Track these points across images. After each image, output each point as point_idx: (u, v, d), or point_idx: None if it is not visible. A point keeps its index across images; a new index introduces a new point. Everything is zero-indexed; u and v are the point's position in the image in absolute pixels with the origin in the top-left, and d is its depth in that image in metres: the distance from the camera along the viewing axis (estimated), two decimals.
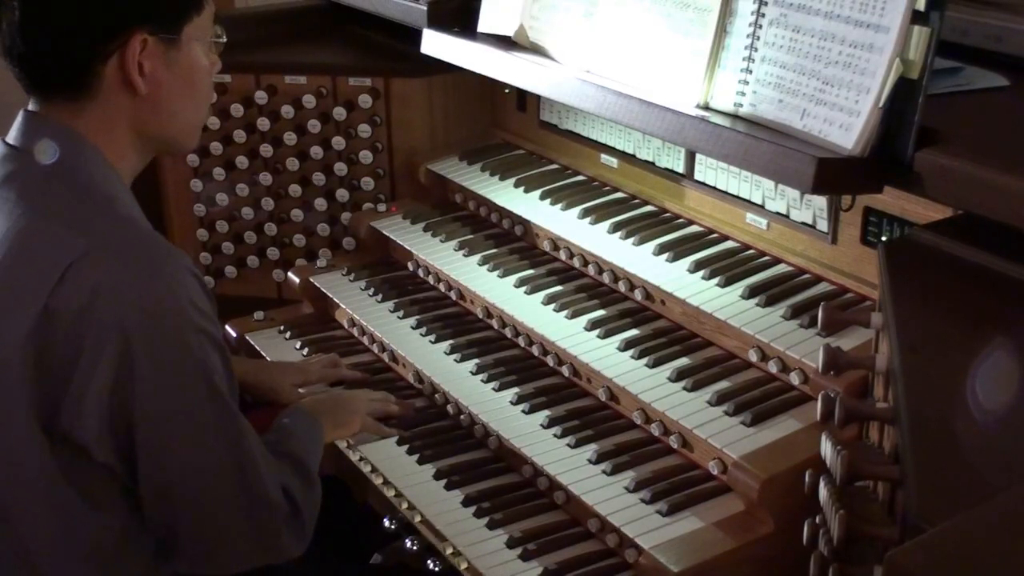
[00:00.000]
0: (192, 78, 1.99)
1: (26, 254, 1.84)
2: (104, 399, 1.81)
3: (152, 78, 1.92)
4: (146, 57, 1.91)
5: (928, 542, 1.18)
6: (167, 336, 1.83)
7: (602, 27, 2.45)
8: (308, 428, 2.22)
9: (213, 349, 1.89)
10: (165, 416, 1.85)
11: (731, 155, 2.09)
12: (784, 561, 1.88)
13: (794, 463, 1.92)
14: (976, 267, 1.83)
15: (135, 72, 1.90)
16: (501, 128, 3.15)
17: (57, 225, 1.85)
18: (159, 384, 1.83)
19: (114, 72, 1.91)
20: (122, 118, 1.95)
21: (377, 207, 3.09)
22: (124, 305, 1.80)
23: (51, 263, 1.80)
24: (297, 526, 2.03)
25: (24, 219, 1.86)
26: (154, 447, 1.86)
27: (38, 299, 1.79)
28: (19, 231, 1.85)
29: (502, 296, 2.57)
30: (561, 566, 2.03)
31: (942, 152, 1.87)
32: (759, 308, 2.23)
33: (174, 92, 1.97)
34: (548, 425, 2.27)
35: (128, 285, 1.81)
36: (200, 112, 2.07)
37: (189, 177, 3.22)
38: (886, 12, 1.92)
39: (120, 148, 1.96)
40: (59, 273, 1.79)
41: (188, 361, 1.86)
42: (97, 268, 1.80)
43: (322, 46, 3.33)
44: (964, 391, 1.50)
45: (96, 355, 1.79)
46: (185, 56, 1.96)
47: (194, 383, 1.87)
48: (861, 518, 1.48)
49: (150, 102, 1.94)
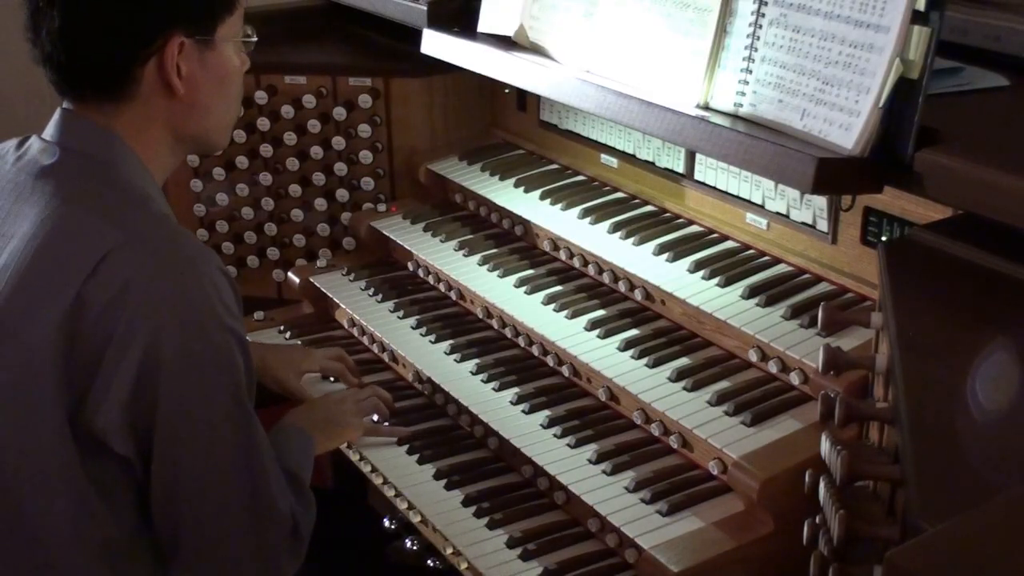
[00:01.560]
0: (225, 78, 2.02)
1: (61, 243, 1.86)
2: (130, 391, 1.82)
3: (189, 79, 1.95)
4: (183, 59, 1.94)
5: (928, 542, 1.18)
6: (196, 332, 1.85)
7: (602, 27, 2.45)
8: (301, 444, 2.21)
9: (238, 348, 1.91)
10: (186, 410, 1.86)
11: (731, 155, 2.09)
12: (784, 561, 1.88)
13: (794, 463, 1.92)
14: (976, 267, 1.83)
15: (174, 74, 1.93)
16: (501, 128, 3.15)
17: (93, 216, 1.87)
18: (184, 379, 1.84)
19: (152, 75, 1.94)
20: (159, 119, 1.98)
21: (377, 207, 3.09)
22: (155, 299, 1.81)
23: (86, 253, 1.82)
24: (297, 544, 2.03)
25: (61, 209, 1.88)
26: (171, 440, 1.86)
27: (71, 287, 1.81)
28: (55, 220, 1.87)
29: (502, 296, 2.57)
30: (561, 566, 2.03)
31: (942, 152, 1.87)
32: (759, 308, 2.23)
33: (209, 92, 1.99)
34: (548, 425, 2.27)
35: (160, 280, 1.83)
36: (232, 110, 2.10)
37: (189, 177, 3.21)
38: (886, 12, 1.92)
39: (155, 148, 1.99)
40: (93, 263, 1.81)
41: (215, 358, 1.87)
42: (130, 261, 1.82)
43: (322, 46, 3.33)
44: (964, 391, 1.50)
45: (124, 347, 1.80)
46: (219, 56, 1.99)
47: (218, 380, 1.88)
48: (861, 518, 1.48)
49: (187, 103, 1.97)
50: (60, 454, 1.85)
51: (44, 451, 1.85)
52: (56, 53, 1.92)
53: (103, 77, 1.94)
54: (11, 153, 2.02)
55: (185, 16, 1.93)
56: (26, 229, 1.88)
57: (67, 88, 1.97)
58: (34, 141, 2.00)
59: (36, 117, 2.05)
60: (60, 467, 1.86)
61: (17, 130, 2.11)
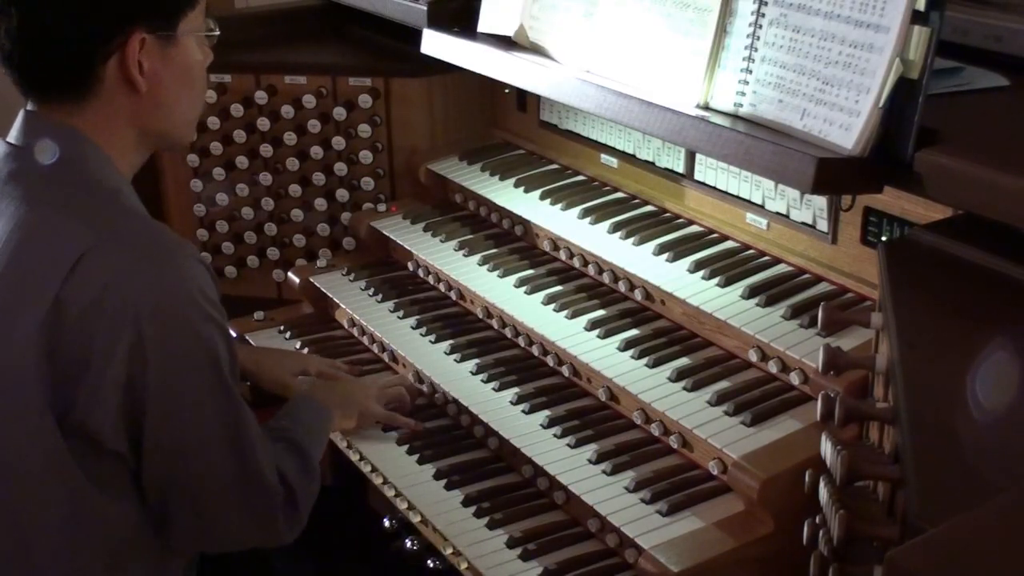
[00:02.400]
0: (188, 72, 2.02)
1: (35, 247, 1.86)
2: (120, 390, 1.83)
3: (151, 75, 1.95)
4: (145, 55, 1.93)
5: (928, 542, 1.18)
6: (178, 324, 1.86)
7: (602, 27, 2.45)
8: (316, 417, 2.24)
9: (220, 336, 1.93)
10: (173, 400, 1.88)
11: (731, 155, 2.09)
12: (784, 561, 1.88)
13: (794, 463, 1.92)
14: (976, 267, 1.83)
15: (135, 71, 1.93)
16: (501, 128, 3.15)
17: (65, 218, 1.87)
18: (169, 371, 1.86)
19: (114, 72, 1.93)
20: (122, 115, 1.97)
21: (377, 207, 3.09)
22: (135, 296, 1.82)
23: (61, 255, 1.82)
24: (292, 512, 2.05)
25: (31, 214, 1.88)
26: (160, 429, 1.89)
27: (49, 291, 1.81)
28: (27, 225, 1.87)
29: (502, 296, 2.57)
30: (561, 566, 2.03)
31: (942, 152, 1.87)
32: (759, 308, 2.23)
33: (172, 87, 1.99)
34: (548, 425, 2.27)
35: (138, 276, 1.83)
36: (196, 105, 2.09)
37: (189, 177, 3.22)
38: (886, 12, 1.92)
39: (120, 145, 1.99)
40: (69, 265, 1.81)
41: (197, 348, 1.89)
42: (107, 260, 1.82)
43: (322, 46, 3.33)
44: (964, 391, 1.49)
45: (110, 346, 1.81)
46: (181, 51, 1.99)
47: (201, 369, 1.90)
48: (861, 518, 1.48)
49: (150, 98, 1.96)
50: (51, 454, 1.85)
51: (34, 453, 1.86)
52: (15, 52, 1.91)
53: (64, 75, 1.93)
54: None
55: (146, 12, 1.92)
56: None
57: (29, 88, 1.97)
58: None
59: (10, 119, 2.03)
60: (52, 467, 1.86)
61: None
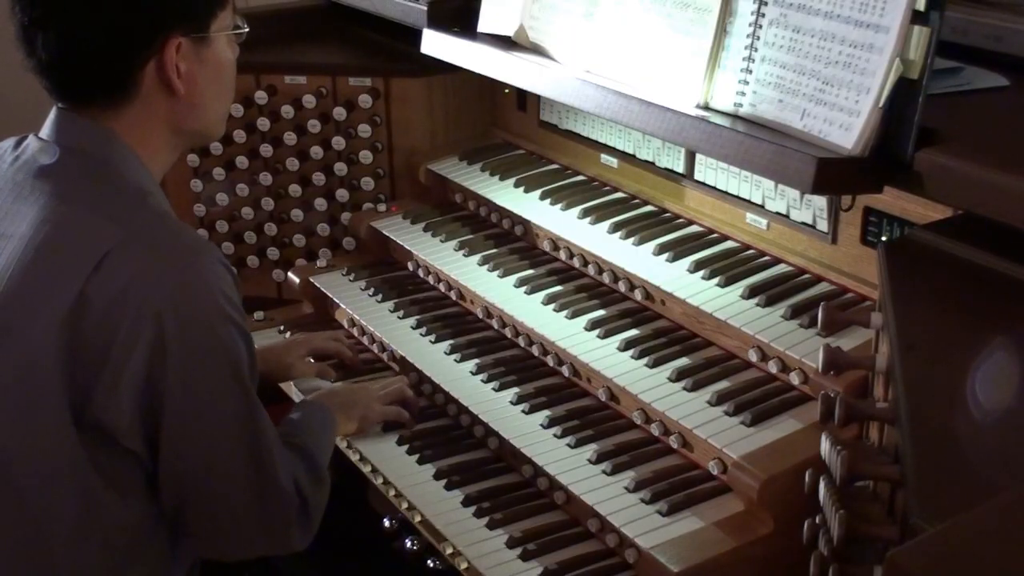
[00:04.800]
0: (221, 71, 2.04)
1: (62, 242, 1.87)
2: (138, 387, 1.83)
3: (188, 77, 1.96)
4: (181, 59, 1.95)
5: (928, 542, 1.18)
6: (199, 326, 1.87)
7: (602, 27, 2.45)
8: (321, 422, 2.24)
9: (241, 339, 1.93)
10: (192, 402, 1.88)
11: (731, 155, 2.09)
12: (784, 561, 1.88)
13: (794, 463, 1.92)
14: (976, 267, 1.83)
15: (173, 75, 1.94)
16: (501, 128, 3.15)
17: (93, 214, 1.88)
18: (189, 370, 1.86)
19: (151, 77, 1.95)
20: (158, 117, 1.99)
21: (377, 207, 3.09)
22: (158, 294, 1.82)
23: (88, 251, 1.83)
24: (305, 520, 2.05)
25: (60, 209, 1.89)
26: (178, 431, 1.88)
27: (74, 286, 1.81)
28: (56, 221, 1.88)
29: (502, 296, 2.57)
30: (561, 566, 2.03)
31: (942, 152, 1.87)
32: (759, 308, 2.23)
33: (207, 87, 2.01)
34: (548, 425, 2.27)
35: (162, 276, 1.84)
36: (228, 102, 2.13)
37: (189, 177, 3.22)
38: (886, 12, 1.92)
39: (154, 146, 2.01)
40: (95, 261, 1.82)
41: (218, 350, 1.89)
42: (132, 258, 1.83)
43: (322, 46, 3.33)
44: (964, 391, 1.49)
45: (131, 344, 1.81)
46: (214, 51, 2.01)
47: (221, 371, 1.90)
48: (861, 518, 1.48)
49: (186, 100, 1.98)
50: (65, 449, 1.86)
51: (48, 448, 1.86)
52: (55, 64, 1.92)
53: (103, 84, 1.94)
54: (9, 153, 2.02)
55: (181, 16, 1.94)
56: (25, 229, 1.89)
57: (64, 95, 1.98)
58: (31, 140, 2.00)
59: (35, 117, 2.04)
60: (65, 462, 1.86)
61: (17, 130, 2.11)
